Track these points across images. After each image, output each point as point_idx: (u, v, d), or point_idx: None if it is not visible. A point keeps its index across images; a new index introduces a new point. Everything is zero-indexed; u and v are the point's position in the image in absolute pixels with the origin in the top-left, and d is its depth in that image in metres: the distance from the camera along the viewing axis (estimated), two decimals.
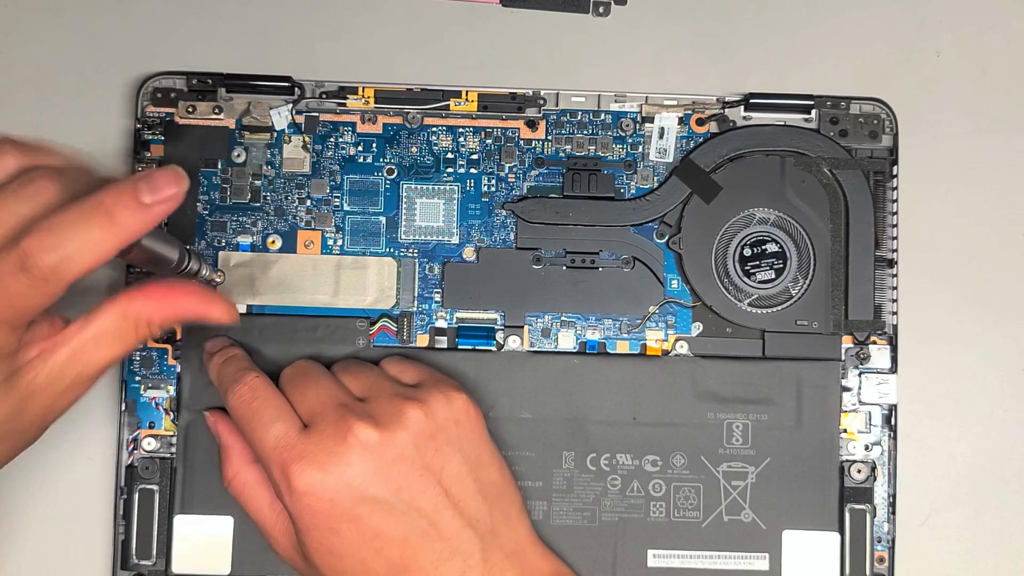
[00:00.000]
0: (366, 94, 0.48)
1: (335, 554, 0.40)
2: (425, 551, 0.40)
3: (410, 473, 0.40)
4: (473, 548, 0.41)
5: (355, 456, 0.40)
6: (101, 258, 0.36)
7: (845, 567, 0.46)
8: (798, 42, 0.49)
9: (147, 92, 0.47)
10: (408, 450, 0.40)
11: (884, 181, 0.47)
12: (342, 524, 0.40)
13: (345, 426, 0.40)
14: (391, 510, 0.40)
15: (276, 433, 0.40)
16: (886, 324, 0.47)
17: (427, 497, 0.40)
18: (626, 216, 0.47)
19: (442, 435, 0.41)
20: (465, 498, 0.41)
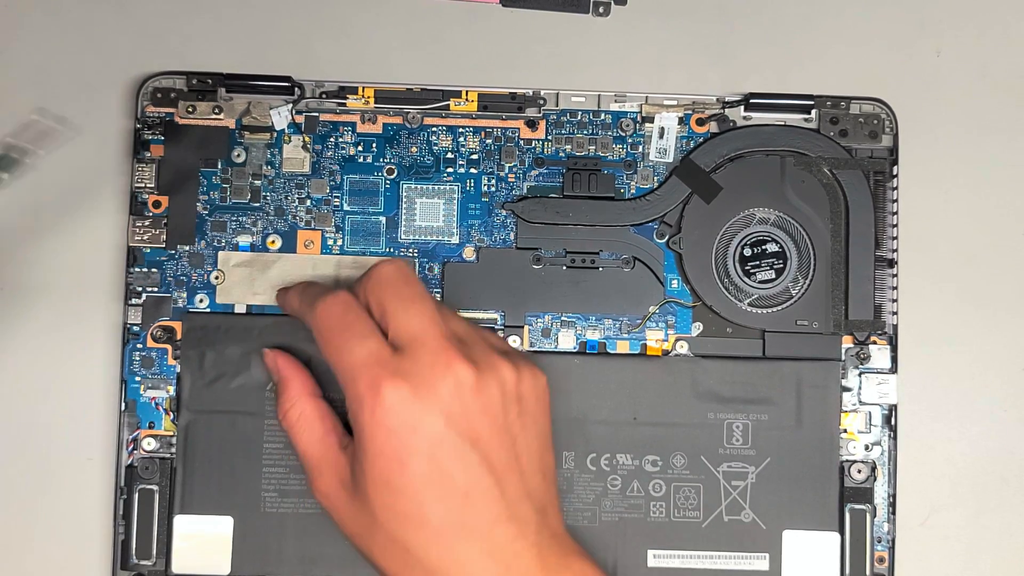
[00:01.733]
0: (366, 94, 0.48)
1: (394, 489, 0.39)
2: (484, 509, 0.39)
3: (492, 428, 0.39)
4: (530, 519, 0.40)
5: (448, 392, 0.39)
6: None
7: (845, 567, 0.46)
8: (798, 42, 0.49)
9: (147, 92, 0.47)
10: (495, 405, 0.40)
11: (884, 181, 0.47)
12: (413, 457, 0.38)
13: (446, 359, 0.39)
14: (464, 457, 0.39)
15: (370, 347, 0.39)
16: (886, 324, 0.47)
17: (500, 456, 0.39)
18: (626, 216, 0.47)
19: (525, 404, 0.41)
20: (531, 471, 0.40)
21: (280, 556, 0.46)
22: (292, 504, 0.46)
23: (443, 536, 0.39)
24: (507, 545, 0.39)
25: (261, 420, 0.46)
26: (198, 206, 0.47)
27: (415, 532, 0.39)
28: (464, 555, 0.39)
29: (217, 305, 0.47)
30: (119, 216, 0.47)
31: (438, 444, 0.38)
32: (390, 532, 0.39)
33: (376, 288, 0.41)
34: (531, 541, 0.39)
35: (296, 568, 0.46)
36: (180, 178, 0.47)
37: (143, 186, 0.47)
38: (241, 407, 0.46)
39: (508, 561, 0.39)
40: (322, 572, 0.46)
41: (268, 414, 0.46)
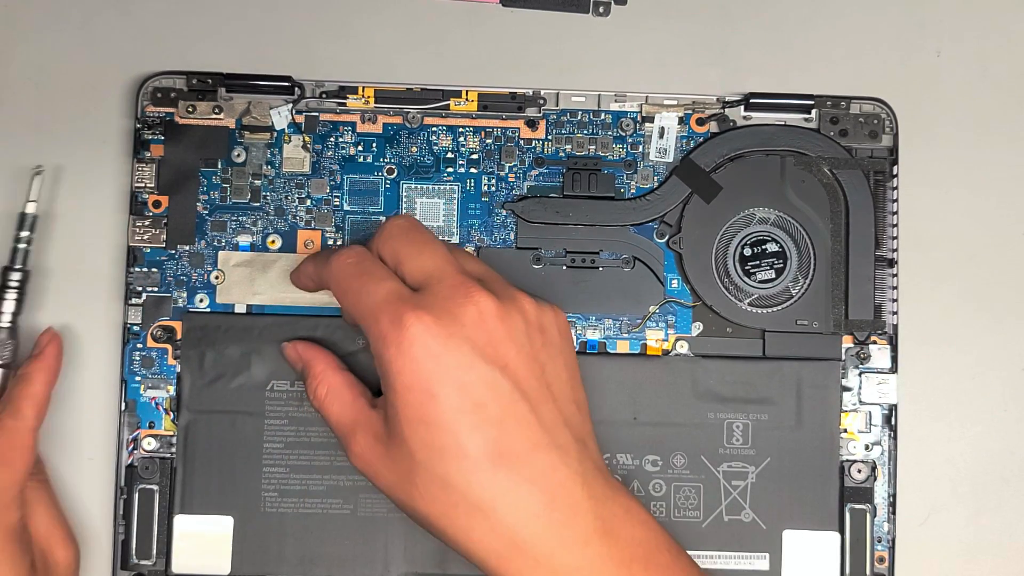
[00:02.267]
0: (366, 94, 0.48)
1: (428, 423, 0.38)
2: (522, 436, 0.38)
3: (519, 355, 0.39)
4: (570, 447, 0.39)
5: (471, 320, 0.38)
6: None
7: (845, 567, 0.46)
8: (798, 42, 0.49)
9: (147, 92, 0.47)
10: (519, 333, 0.39)
11: (884, 181, 0.47)
12: (443, 387, 0.38)
13: (465, 290, 0.39)
14: (494, 384, 0.38)
15: (389, 287, 0.39)
16: (886, 324, 0.47)
17: (531, 383, 0.39)
18: (626, 216, 0.47)
19: (547, 335, 0.40)
20: (564, 400, 0.40)
21: (280, 556, 0.46)
22: (292, 504, 0.46)
23: (483, 466, 0.38)
24: (550, 472, 0.38)
25: (261, 420, 0.46)
26: (198, 206, 0.47)
27: (454, 464, 0.38)
28: (507, 484, 0.38)
29: (217, 305, 0.47)
30: (119, 216, 0.47)
31: (466, 372, 0.38)
32: (429, 469, 0.38)
33: (388, 240, 0.41)
34: (574, 469, 0.39)
35: (296, 568, 0.46)
36: (180, 178, 0.47)
37: (143, 186, 0.47)
38: (241, 407, 0.46)
39: (553, 490, 0.38)
40: (322, 572, 0.46)
41: (268, 414, 0.46)
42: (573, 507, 0.38)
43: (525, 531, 0.38)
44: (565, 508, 0.38)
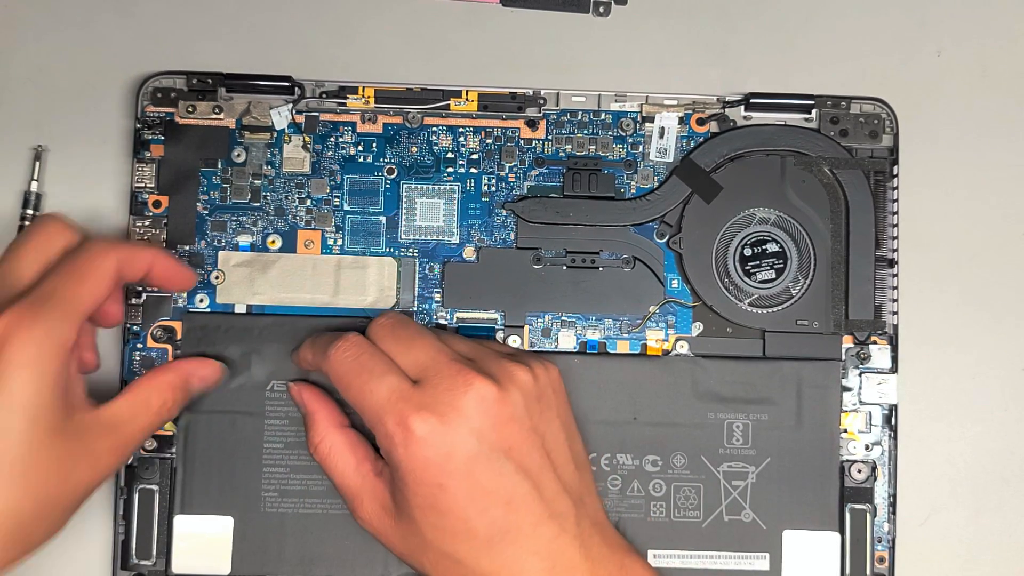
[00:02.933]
0: (366, 94, 0.48)
1: (439, 511, 0.40)
2: (526, 513, 0.40)
3: (521, 433, 0.40)
4: (568, 512, 0.41)
5: (473, 410, 0.40)
6: None
7: (845, 567, 0.46)
8: (798, 42, 0.49)
9: (147, 92, 0.47)
10: (520, 410, 0.41)
11: (884, 181, 0.47)
12: (453, 479, 0.39)
13: (464, 380, 0.40)
14: (501, 469, 0.40)
15: (390, 384, 0.40)
16: (886, 324, 0.47)
17: (533, 459, 0.40)
18: (626, 216, 0.47)
19: (544, 400, 0.42)
20: (562, 463, 0.42)
21: (280, 556, 0.46)
22: (292, 504, 0.46)
23: (491, 544, 0.40)
24: (551, 542, 0.40)
25: (261, 420, 0.46)
26: (198, 206, 0.47)
27: (465, 545, 0.40)
28: (512, 558, 0.40)
29: (217, 305, 0.47)
30: (119, 216, 0.47)
31: (474, 462, 0.40)
32: (440, 549, 0.40)
33: (381, 340, 0.42)
34: (573, 534, 0.41)
35: (296, 568, 0.46)
36: (180, 178, 0.47)
37: (143, 186, 0.47)
38: (241, 407, 0.46)
39: (554, 558, 0.40)
40: (322, 572, 0.46)
41: (268, 414, 0.46)
42: (570, 571, 0.41)
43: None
44: (563, 573, 0.40)
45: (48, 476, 0.38)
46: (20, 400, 0.37)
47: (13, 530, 0.38)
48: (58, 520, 0.39)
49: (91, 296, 0.40)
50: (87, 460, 0.40)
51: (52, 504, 0.39)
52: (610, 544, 0.42)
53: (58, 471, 0.38)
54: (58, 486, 0.39)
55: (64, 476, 0.39)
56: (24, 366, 0.37)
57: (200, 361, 0.45)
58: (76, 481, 0.39)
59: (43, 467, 0.38)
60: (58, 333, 0.38)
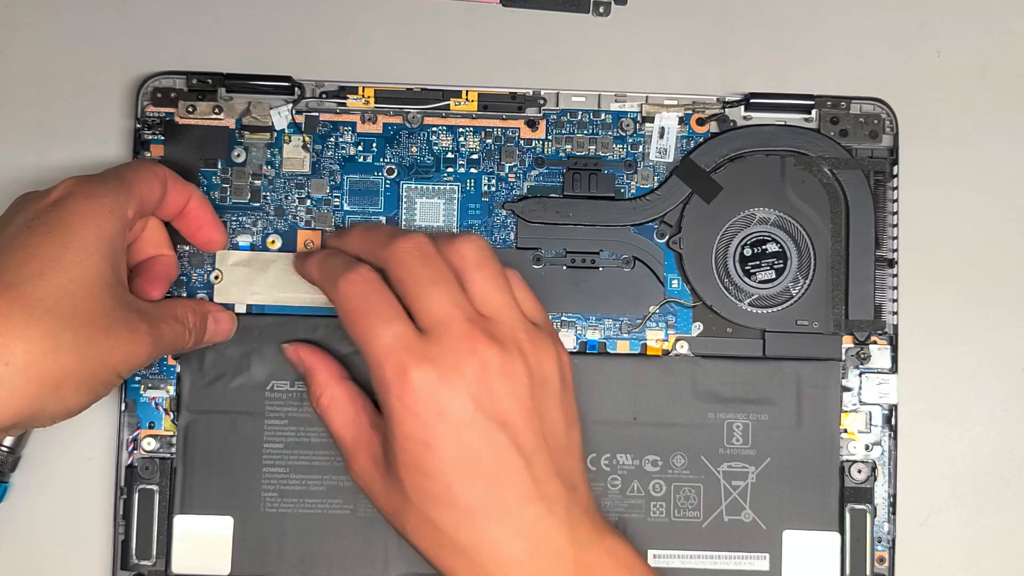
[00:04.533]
0: (366, 94, 0.48)
1: (423, 472, 0.39)
2: (512, 489, 0.39)
3: (519, 409, 0.40)
4: (559, 496, 0.40)
5: (475, 374, 0.39)
6: None
7: (845, 567, 0.46)
8: (798, 42, 0.49)
9: (147, 92, 0.47)
10: (522, 388, 0.40)
11: (884, 181, 0.47)
12: (441, 441, 0.39)
13: (472, 342, 0.39)
14: (492, 440, 0.39)
15: (396, 331, 0.39)
16: (886, 324, 0.47)
17: (528, 437, 0.40)
18: (626, 216, 0.47)
19: (549, 385, 0.41)
20: (558, 448, 0.41)
21: (280, 556, 0.46)
22: (292, 504, 0.46)
23: (473, 516, 0.39)
24: (537, 523, 0.39)
25: (261, 420, 0.46)
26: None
27: (445, 512, 0.39)
28: (493, 534, 0.39)
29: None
30: None
31: (466, 427, 0.39)
32: (421, 512, 0.40)
33: (397, 268, 0.41)
34: (561, 518, 0.40)
35: (296, 568, 0.46)
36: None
37: None
38: (241, 407, 0.46)
39: (537, 539, 0.39)
40: (322, 572, 0.46)
41: (268, 414, 0.46)
42: (555, 555, 0.39)
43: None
44: (547, 556, 0.39)
45: (91, 321, 0.38)
46: (78, 240, 0.38)
47: (50, 371, 0.37)
48: (82, 396, 0.38)
49: (143, 184, 0.42)
50: (125, 326, 0.39)
51: (90, 357, 0.38)
52: (599, 531, 0.41)
53: (99, 320, 0.38)
54: (98, 336, 0.38)
55: (105, 329, 0.38)
56: (85, 214, 0.39)
57: (217, 305, 0.46)
58: (114, 340, 0.39)
59: (88, 310, 0.38)
60: (120, 200, 0.40)
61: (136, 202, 0.41)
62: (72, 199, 0.39)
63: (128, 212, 0.41)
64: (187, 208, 0.44)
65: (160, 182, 0.43)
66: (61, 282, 0.37)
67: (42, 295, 0.37)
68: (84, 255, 0.38)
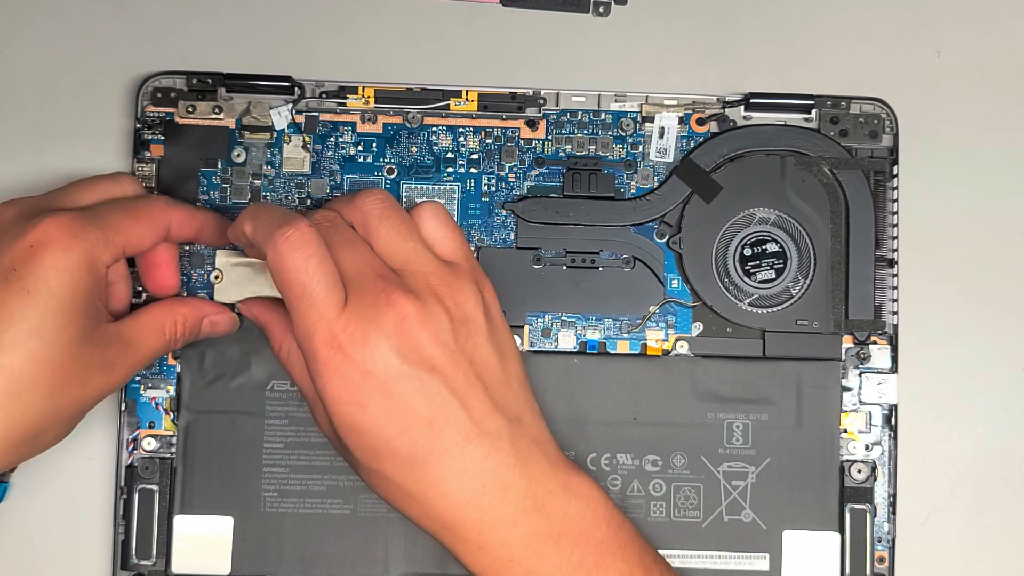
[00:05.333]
0: (366, 94, 0.48)
1: (359, 431, 0.39)
2: (451, 431, 0.39)
3: (444, 353, 0.40)
4: (501, 431, 0.40)
5: (393, 329, 0.39)
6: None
7: (845, 567, 0.46)
8: (798, 42, 0.49)
9: (147, 92, 0.47)
10: (444, 332, 0.40)
11: (884, 181, 0.47)
12: (371, 399, 0.39)
13: (385, 298, 0.39)
14: (422, 388, 0.39)
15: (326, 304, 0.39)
16: (886, 324, 0.47)
17: (459, 379, 0.40)
18: (626, 216, 0.47)
19: (473, 323, 0.41)
20: (494, 384, 0.41)
21: (280, 556, 0.46)
22: (292, 504, 0.46)
23: (415, 463, 0.39)
24: (481, 460, 0.39)
25: (261, 420, 0.46)
26: (198, 206, 0.47)
27: (389, 464, 0.40)
28: (438, 477, 0.39)
29: None
30: None
31: (395, 380, 0.39)
32: (368, 466, 0.40)
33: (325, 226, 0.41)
34: (506, 451, 0.40)
35: (296, 568, 0.46)
36: (180, 178, 0.47)
37: (143, 186, 0.47)
38: (241, 407, 0.46)
39: (484, 476, 0.39)
40: (322, 572, 0.46)
41: (268, 414, 0.46)
42: (503, 489, 0.40)
43: (454, 517, 0.40)
44: (495, 491, 0.40)
45: (68, 379, 0.40)
46: (55, 303, 0.39)
47: (30, 430, 0.39)
48: (67, 425, 0.41)
49: (138, 238, 0.42)
50: (102, 369, 0.41)
51: (67, 408, 0.40)
52: (552, 462, 0.41)
53: (78, 374, 0.40)
54: (75, 391, 0.40)
55: (82, 381, 0.40)
56: (61, 271, 0.39)
57: (216, 306, 0.45)
58: (91, 388, 0.41)
59: (67, 369, 0.40)
60: (98, 253, 0.40)
61: (118, 250, 0.41)
62: (49, 252, 0.39)
63: (107, 260, 0.41)
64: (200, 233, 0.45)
65: (161, 230, 0.43)
66: (41, 351, 0.39)
67: (22, 365, 0.39)
68: (63, 318, 0.39)
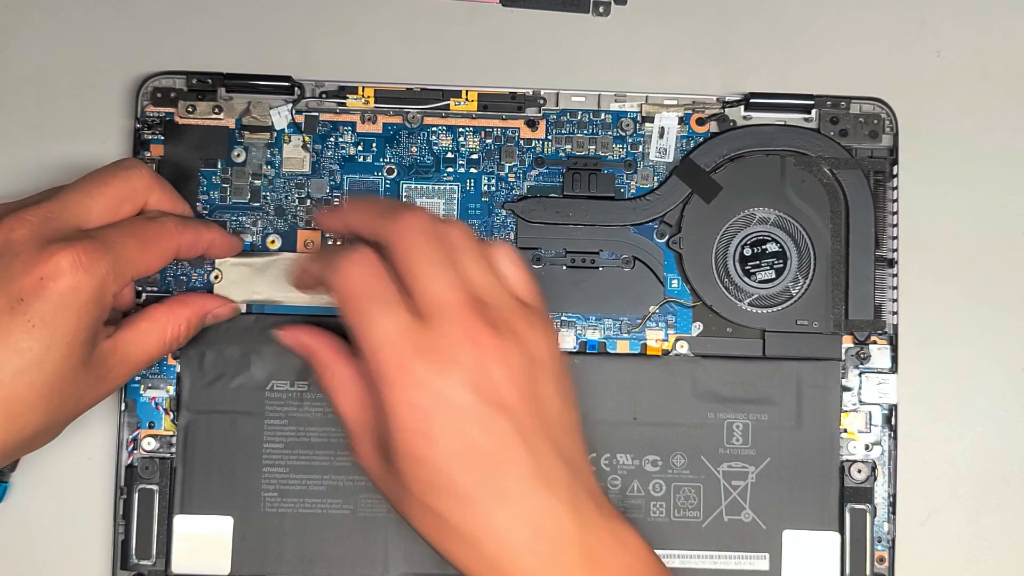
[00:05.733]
0: (366, 94, 0.48)
1: (422, 462, 0.38)
2: (513, 473, 0.38)
3: (516, 393, 0.39)
4: (561, 477, 0.39)
5: (471, 363, 0.38)
6: None
7: (845, 567, 0.46)
8: (798, 42, 0.49)
9: (147, 92, 0.47)
10: (518, 372, 0.39)
11: (884, 181, 0.47)
12: (440, 431, 0.38)
13: (467, 328, 0.38)
14: (491, 425, 0.38)
15: (396, 318, 0.39)
16: (886, 324, 0.47)
17: (527, 421, 0.39)
18: (626, 216, 0.47)
19: (546, 367, 0.40)
20: (558, 429, 0.40)
21: (280, 556, 0.46)
22: (292, 504, 0.46)
23: (474, 503, 0.38)
24: (540, 506, 0.39)
25: (261, 420, 0.46)
26: (198, 206, 0.47)
27: (446, 500, 0.39)
28: (495, 519, 0.38)
29: None
30: None
31: (465, 416, 0.38)
32: (421, 500, 0.39)
33: (399, 243, 0.40)
34: (564, 500, 0.39)
35: (296, 568, 0.46)
36: (180, 178, 0.47)
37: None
38: (241, 407, 0.46)
39: (540, 522, 0.39)
40: (322, 572, 0.46)
41: (268, 414, 0.46)
42: (559, 538, 0.39)
43: (509, 562, 0.39)
44: (551, 540, 0.39)
45: (65, 400, 0.40)
46: (60, 336, 0.39)
47: (22, 442, 0.40)
48: (58, 430, 0.42)
49: (147, 266, 0.42)
50: (99, 385, 0.42)
51: (61, 422, 0.41)
52: (603, 512, 0.40)
53: (74, 396, 0.40)
54: (71, 408, 0.41)
55: (78, 399, 0.41)
56: (70, 307, 0.39)
57: (217, 299, 0.46)
58: (86, 403, 0.42)
59: (65, 394, 0.40)
60: (107, 285, 0.40)
61: (126, 280, 0.41)
62: (58, 287, 0.39)
63: (115, 291, 0.41)
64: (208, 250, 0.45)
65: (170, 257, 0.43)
66: (41, 379, 0.39)
67: (23, 393, 0.39)
68: (66, 350, 0.39)
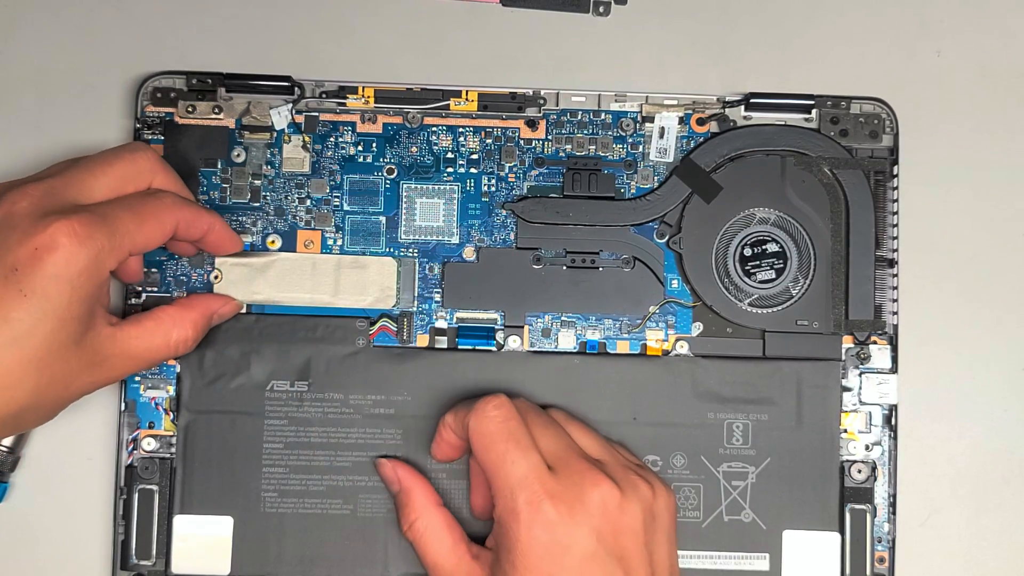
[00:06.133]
0: (366, 94, 0.48)
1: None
2: None
3: (634, 546, 0.41)
4: None
5: (597, 511, 0.40)
6: None
7: (845, 567, 0.46)
8: (798, 42, 0.49)
9: (147, 92, 0.47)
10: (637, 523, 0.41)
11: (884, 181, 0.47)
12: (564, 572, 0.40)
13: (593, 478, 0.40)
14: (609, 573, 0.40)
15: (532, 462, 0.40)
16: (886, 324, 0.47)
17: (640, 571, 0.41)
18: (626, 216, 0.47)
19: (659, 521, 0.42)
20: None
21: (280, 556, 0.46)
22: (292, 504, 0.46)
23: None
24: None
25: (261, 420, 0.46)
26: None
27: None
28: None
29: None
30: None
31: (588, 561, 0.40)
32: None
33: (522, 407, 0.42)
34: None
35: (296, 568, 0.46)
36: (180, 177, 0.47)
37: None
38: (241, 407, 0.46)
39: None
40: (322, 572, 0.46)
41: (268, 414, 0.46)
42: None
43: None
44: None
45: (54, 379, 0.40)
46: (51, 308, 0.39)
47: (8, 418, 0.39)
48: (50, 413, 0.41)
49: (144, 240, 0.42)
50: (93, 370, 0.41)
51: (50, 403, 0.40)
52: None
53: (64, 376, 0.40)
54: (61, 388, 0.40)
55: (69, 381, 0.40)
56: (62, 279, 0.39)
57: (222, 299, 0.46)
58: (78, 386, 0.41)
59: (55, 372, 0.39)
60: (103, 258, 0.40)
61: (123, 254, 0.41)
62: (52, 259, 0.39)
63: (111, 265, 0.40)
64: (207, 235, 0.45)
65: (168, 233, 0.43)
66: (30, 353, 0.39)
67: (11, 366, 0.38)
68: (56, 324, 0.39)
